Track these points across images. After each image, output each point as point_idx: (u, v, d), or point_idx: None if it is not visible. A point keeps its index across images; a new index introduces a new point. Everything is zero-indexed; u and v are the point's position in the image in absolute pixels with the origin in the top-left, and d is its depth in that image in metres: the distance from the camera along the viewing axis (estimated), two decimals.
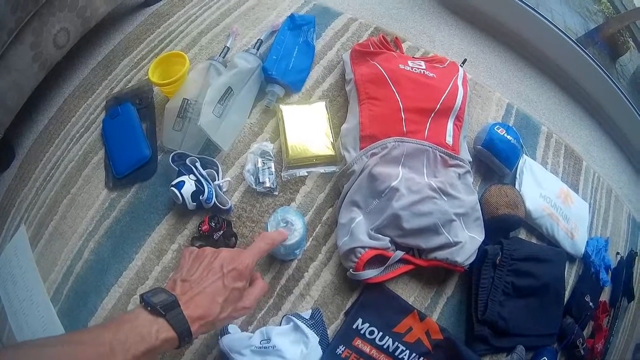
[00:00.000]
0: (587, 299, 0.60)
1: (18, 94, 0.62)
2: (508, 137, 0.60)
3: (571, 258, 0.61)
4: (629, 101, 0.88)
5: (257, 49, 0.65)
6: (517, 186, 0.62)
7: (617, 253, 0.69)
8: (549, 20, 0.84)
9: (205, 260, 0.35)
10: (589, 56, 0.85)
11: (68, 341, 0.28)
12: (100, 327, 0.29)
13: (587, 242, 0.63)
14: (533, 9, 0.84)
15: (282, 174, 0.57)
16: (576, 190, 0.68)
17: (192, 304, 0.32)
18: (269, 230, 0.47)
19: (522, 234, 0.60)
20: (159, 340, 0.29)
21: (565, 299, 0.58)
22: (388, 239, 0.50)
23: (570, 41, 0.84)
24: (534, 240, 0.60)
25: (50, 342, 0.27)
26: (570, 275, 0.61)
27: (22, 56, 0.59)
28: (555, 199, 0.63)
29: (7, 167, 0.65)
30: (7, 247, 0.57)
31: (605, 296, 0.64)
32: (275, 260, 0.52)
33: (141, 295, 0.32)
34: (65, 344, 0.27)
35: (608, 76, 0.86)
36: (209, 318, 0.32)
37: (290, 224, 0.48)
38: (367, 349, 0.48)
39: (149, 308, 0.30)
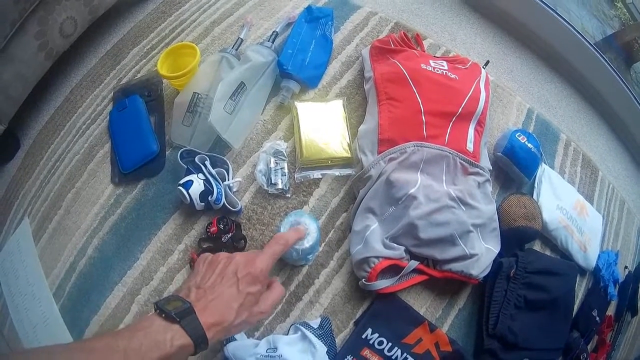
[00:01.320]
0: (595, 313, 0.56)
1: (23, 84, 0.57)
2: (529, 145, 0.55)
3: (582, 271, 0.57)
4: None
5: (272, 42, 0.59)
6: (535, 196, 0.57)
7: (625, 267, 0.65)
8: (568, 23, 0.76)
9: (219, 267, 0.34)
10: (607, 62, 0.78)
11: (79, 348, 0.26)
12: (112, 335, 0.27)
13: (599, 255, 0.59)
14: (554, 10, 0.76)
15: (295, 176, 0.52)
16: (591, 201, 0.63)
17: (207, 311, 0.30)
18: None
19: (537, 246, 0.56)
20: (174, 347, 0.27)
21: (574, 313, 0.54)
22: (403, 248, 0.46)
23: (589, 45, 0.77)
24: (547, 252, 0.56)
25: (60, 349, 0.26)
26: (580, 289, 0.57)
27: (27, 46, 0.54)
28: (572, 210, 0.58)
29: (11, 157, 0.60)
30: (10, 239, 0.53)
31: (610, 310, 0.60)
32: (286, 265, 0.47)
33: (155, 303, 0.30)
34: (76, 352, 0.26)
35: (625, 84, 0.79)
36: (224, 324, 0.31)
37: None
38: (375, 359, 0.44)
39: (163, 315, 0.29)
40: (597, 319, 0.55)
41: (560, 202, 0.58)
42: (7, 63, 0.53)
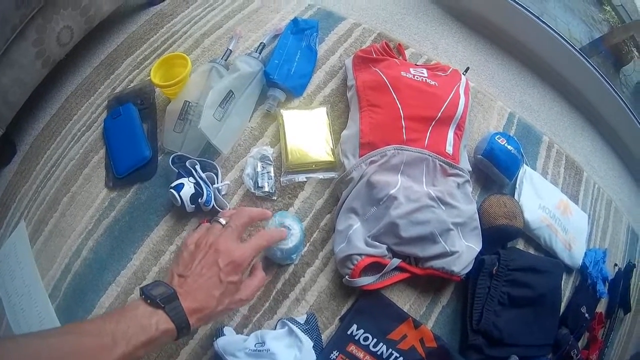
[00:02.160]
0: (583, 310, 0.60)
1: (21, 90, 0.63)
2: (509, 147, 0.61)
3: (568, 269, 0.62)
4: (631, 111, 0.88)
5: (260, 53, 0.66)
6: (516, 196, 0.62)
7: (615, 264, 0.70)
8: (552, 29, 0.84)
9: (200, 254, 0.36)
10: (592, 66, 0.85)
11: (70, 332, 0.29)
12: (101, 318, 0.30)
13: (586, 253, 0.64)
14: (537, 17, 0.84)
15: (281, 179, 0.58)
16: (576, 201, 0.69)
17: (189, 297, 0.33)
18: None
19: (520, 244, 0.61)
20: (158, 331, 0.30)
21: (562, 310, 0.58)
22: (385, 246, 0.51)
23: (574, 50, 0.84)
24: (531, 251, 0.61)
25: (51, 333, 0.29)
26: (567, 286, 0.61)
27: (25, 52, 0.61)
28: (555, 210, 0.63)
29: (8, 162, 0.67)
30: (6, 242, 0.58)
31: (601, 307, 0.64)
32: (272, 264, 0.53)
33: (141, 288, 0.33)
34: (67, 335, 0.28)
35: (611, 86, 0.86)
36: (206, 311, 0.34)
37: (287, 228, 0.49)
38: (360, 354, 0.49)
39: (148, 300, 0.32)
40: (587, 315, 0.59)
41: (542, 202, 0.63)
42: (7, 68, 0.58)
